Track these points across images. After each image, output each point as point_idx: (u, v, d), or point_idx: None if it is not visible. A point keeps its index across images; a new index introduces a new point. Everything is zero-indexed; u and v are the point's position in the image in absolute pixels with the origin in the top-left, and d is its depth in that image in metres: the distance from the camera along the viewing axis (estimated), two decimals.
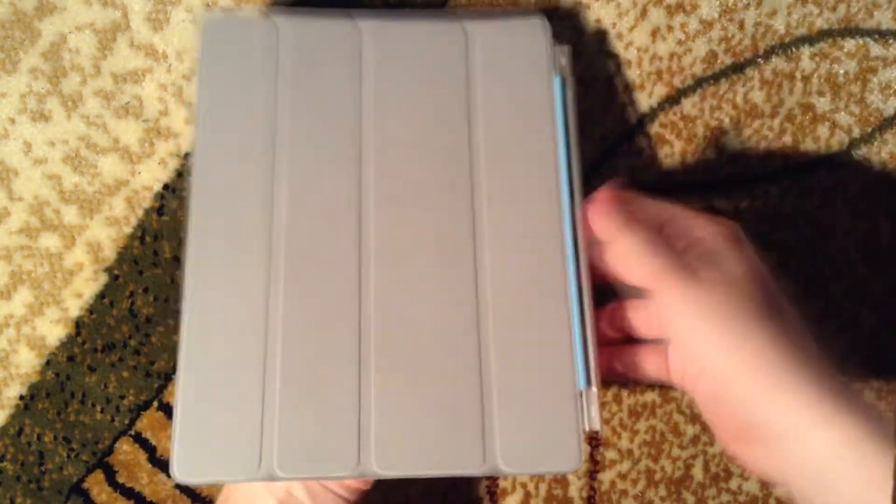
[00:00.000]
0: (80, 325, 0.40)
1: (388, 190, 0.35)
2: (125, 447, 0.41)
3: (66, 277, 0.40)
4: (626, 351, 0.35)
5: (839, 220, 0.42)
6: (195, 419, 0.32)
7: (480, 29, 0.37)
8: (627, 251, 0.31)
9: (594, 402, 0.33)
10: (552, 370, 0.33)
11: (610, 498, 0.43)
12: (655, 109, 0.41)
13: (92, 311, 0.40)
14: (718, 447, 0.43)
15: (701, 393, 0.31)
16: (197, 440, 0.32)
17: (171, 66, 0.39)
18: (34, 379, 0.41)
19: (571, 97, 0.36)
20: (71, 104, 0.40)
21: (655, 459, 0.42)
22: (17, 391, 0.41)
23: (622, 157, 0.41)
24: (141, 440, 0.41)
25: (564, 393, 0.33)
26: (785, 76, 0.41)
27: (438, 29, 0.37)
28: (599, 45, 0.40)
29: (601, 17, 0.40)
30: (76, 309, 0.40)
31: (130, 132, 0.40)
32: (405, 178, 0.35)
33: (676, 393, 0.42)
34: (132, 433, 0.41)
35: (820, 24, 0.41)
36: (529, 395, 0.33)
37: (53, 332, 0.41)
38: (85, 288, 0.40)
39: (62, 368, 0.41)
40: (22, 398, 0.41)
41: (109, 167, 0.40)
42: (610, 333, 0.35)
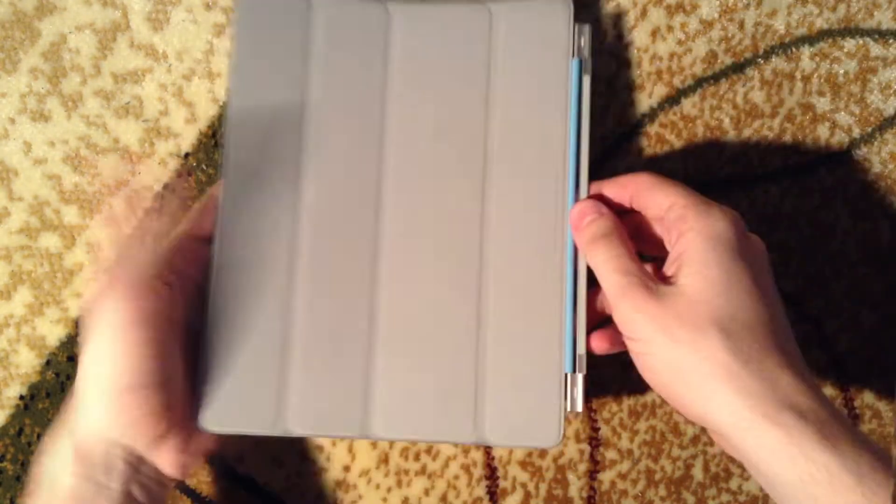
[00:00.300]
0: (80, 325, 0.40)
1: (405, 172, 0.37)
2: None
3: (66, 277, 0.40)
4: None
5: (839, 220, 0.42)
6: (223, 376, 0.36)
7: (505, 9, 0.38)
8: (595, 266, 0.34)
9: (578, 385, 0.36)
10: (542, 354, 0.36)
11: (610, 498, 0.43)
12: (655, 109, 0.41)
13: None
14: (719, 448, 0.43)
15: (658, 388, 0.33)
16: (223, 394, 0.35)
17: (171, 66, 0.40)
18: (34, 379, 0.41)
19: (588, 79, 0.37)
20: (71, 104, 0.40)
21: (655, 459, 0.43)
22: (17, 391, 0.41)
23: (622, 157, 0.41)
24: None
25: (551, 375, 0.36)
26: (785, 76, 0.41)
27: (464, 10, 0.38)
28: (599, 45, 0.40)
29: (601, 17, 0.40)
30: (76, 309, 0.40)
31: (130, 132, 0.40)
32: (422, 160, 0.37)
33: None
34: None
35: (820, 24, 0.41)
36: (519, 375, 0.36)
37: (53, 332, 0.41)
38: (85, 288, 0.40)
39: (62, 368, 0.41)
40: (22, 398, 0.41)
41: (109, 167, 0.40)
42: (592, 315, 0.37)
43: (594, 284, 0.35)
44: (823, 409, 0.29)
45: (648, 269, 0.34)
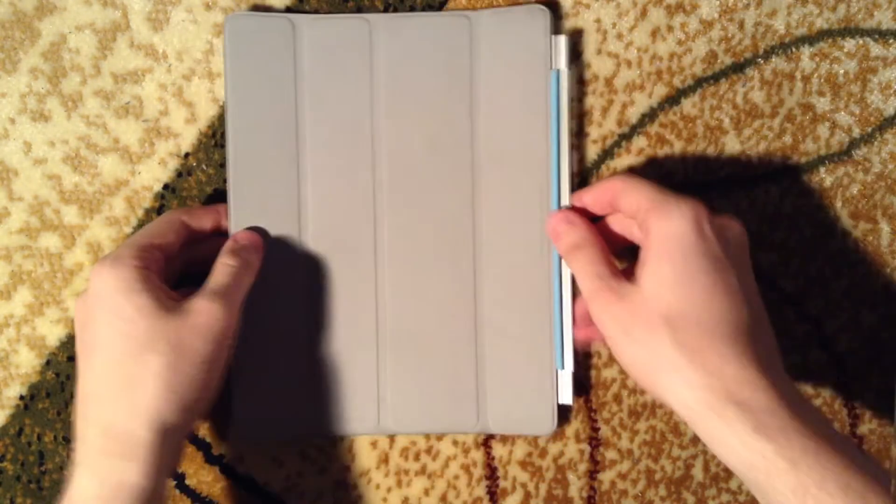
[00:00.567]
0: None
1: (399, 184, 0.39)
2: None
3: (66, 277, 0.40)
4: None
5: (839, 220, 0.42)
6: (254, 385, 0.39)
7: (484, 19, 0.39)
8: (573, 272, 0.36)
9: (568, 381, 0.39)
10: (535, 352, 0.39)
11: (610, 498, 0.43)
12: (655, 109, 0.41)
13: None
14: (715, 455, 0.43)
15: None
16: (252, 403, 0.39)
17: (171, 66, 0.40)
18: (34, 379, 0.41)
19: (567, 88, 0.38)
20: (71, 104, 0.40)
21: (655, 459, 0.43)
22: (17, 391, 0.41)
23: (622, 157, 0.41)
24: None
25: (544, 372, 0.39)
26: (785, 76, 0.41)
27: (444, 20, 0.39)
28: (599, 45, 0.40)
29: (601, 17, 0.40)
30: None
31: (130, 132, 0.40)
32: (413, 172, 0.39)
33: None
34: None
35: (820, 24, 0.41)
36: (516, 371, 0.39)
37: (53, 332, 0.41)
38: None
39: (62, 368, 0.41)
40: (22, 398, 0.41)
41: (109, 167, 0.40)
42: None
43: None
44: (768, 398, 0.30)
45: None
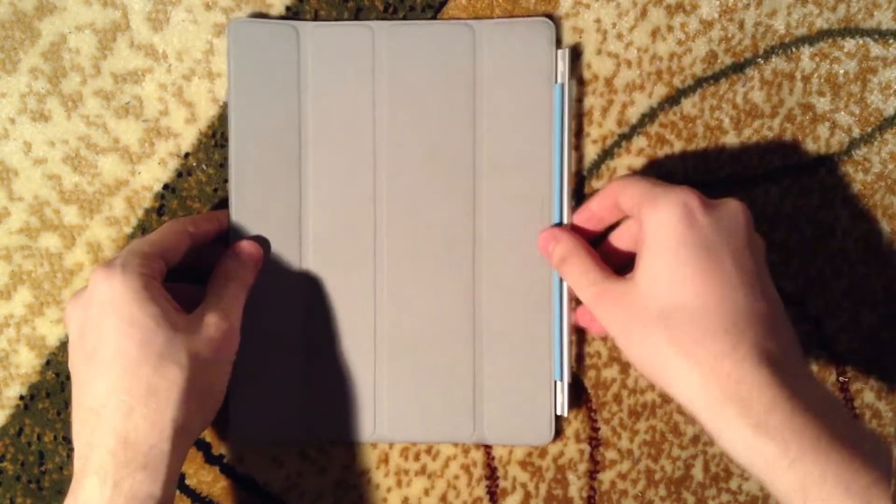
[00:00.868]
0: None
1: (399, 192, 0.39)
2: None
3: (66, 277, 0.40)
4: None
5: (839, 220, 0.42)
6: (253, 390, 0.39)
7: (487, 29, 0.39)
8: (569, 283, 0.37)
9: (565, 392, 0.39)
10: (534, 363, 0.39)
11: (610, 498, 0.43)
12: (655, 109, 0.41)
13: None
14: (719, 448, 0.43)
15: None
16: (251, 406, 0.40)
17: (171, 66, 0.40)
18: (34, 379, 0.41)
19: (569, 102, 0.38)
20: (71, 104, 0.40)
21: (655, 459, 0.43)
22: (17, 391, 0.41)
23: (622, 157, 0.41)
24: None
25: (542, 382, 0.40)
26: (785, 76, 0.41)
27: (447, 28, 0.39)
28: (599, 45, 0.40)
29: (601, 17, 0.40)
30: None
31: (130, 132, 0.40)
32: (414, 180, 0.39)
33: None
34: None
35: (820, 24, 0.41)
36: (514, 382, 0.40)
37: (53, 332, 0.41)
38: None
39: (62, 368, 0.41)
40: (22, 398, 0.41)
41: (109, 167, 0.40)
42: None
43: None
44: (768, 395, 0.29)
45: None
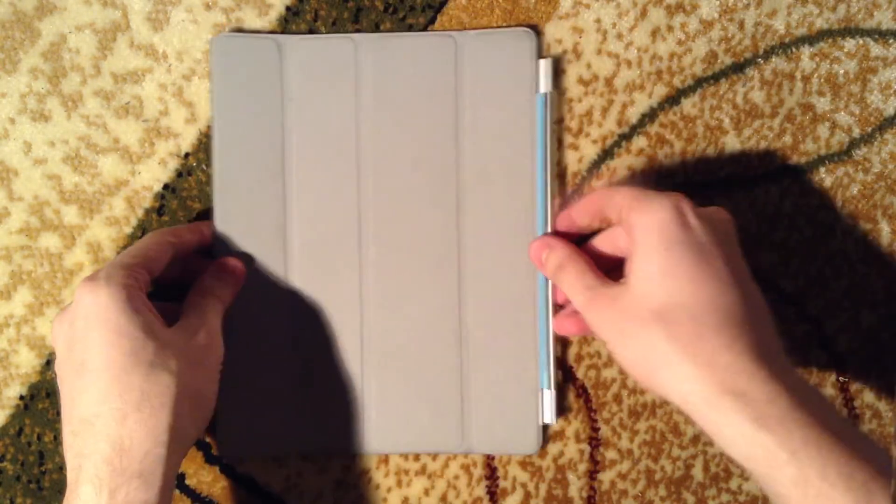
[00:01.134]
0: None
1: (384, 203, 0.39)
2: None
3: (66, 277, 0.40)
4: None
5: (839, 220, 0.42)
6: (240, 403, 0.39)
7: (470, 40, 0.39)
8: (563, 290, 0.37)
9: (551, 400, 0.40)
10: (520, 372, 0.40)
11: (610, 498, 0.43)
12: (655, 109, 0.41)
13: None
14: (718, 448, 0.43)
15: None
16: (239, 421, 0.39)
17: (171, 66, 0.40)
18: (34, 379, 0.41)
19: (551, 112, 0.39)
20: (71, 104, 0.40)
21: (655, 459, 0.43)
22: (17, 391, 0.41)
23: (622, 157, 0.41)
24: None
25: (528, 391, 0.40)
26: (785, 76, 0.41)
27: (430, 40, 0.39)
28: (599, 45, 0.40)
29: (601, 17, 0.40)
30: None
31: (130, 132, 0.40)
32: (398, 191, 0.39)
33: None
34: None
35: (820, 24, 0.41)
36: (500, 392, 0.40)
37: None
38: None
39: None
40: (22, 398, 0.41)
41: (109, 167, 0.40)
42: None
43: None
44: (766, 388, 0.30)
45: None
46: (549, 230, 0.39)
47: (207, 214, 0.40)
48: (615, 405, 0.42)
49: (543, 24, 0.40)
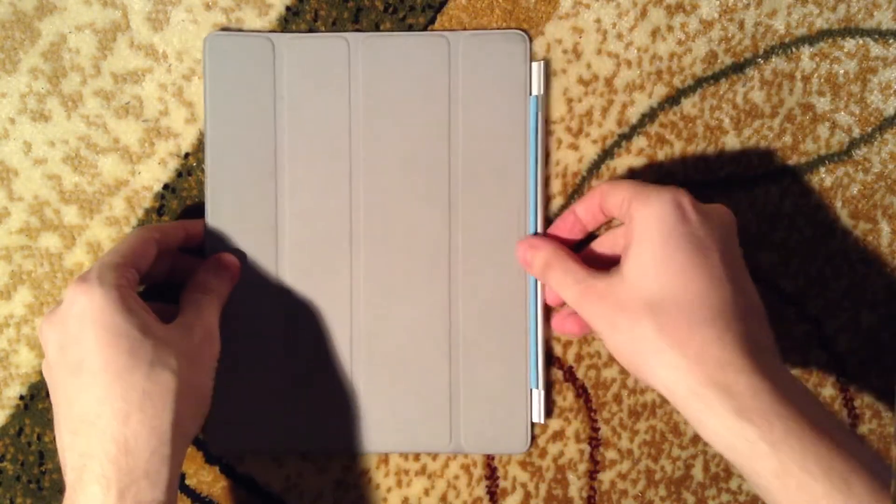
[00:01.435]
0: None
1: (374, 202, 0.39)
2: None
3: (66, 277, 0.40)
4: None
5: (839, 220, 0.42)
6: (230, 398, 0.39)
7: (462, 40, 0.39)
8: (553, 287, 0.37)
9: (541, 400, 0.40)
10: (509, 371, 0.40)
11: (610, 498, 0.43)
12: (655, 109, 0.41)
13: None
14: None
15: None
16: (229, 416, 0.40)
17: (171, 66, 0.40)
18: (34, 379, 0.41)
19: (542, 115, 0.39)
20: (71, 104, 0.40)
21: (655, 459, 0.43)
22: (17, 391, 0.41)
23: (622, 157, 0.41)
24: None
25: (518, 391, 0.40)
26: (785, 76, 0.41)
27: (422, 39, 0.39)
28: (599, 45, 0.40)
29: (601, 17, 0.40)
30: None
31: (130, 132, 0.40)
32: (390, 191, 0.39)
33: None
34: None
35: (820, 24, 0.41)
36: (490, 391, 0.40)
37: None
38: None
39: None
40: (22, 398, 0.41)
41: (109, 167, 0.40)
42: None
43: None
44: (751, 381, 0.30)
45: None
46: (540, 230, 0.39)
47: (194, 211, 0.40)
48: (615, 405, 0.42)
49: (543, 24, 0.40)
